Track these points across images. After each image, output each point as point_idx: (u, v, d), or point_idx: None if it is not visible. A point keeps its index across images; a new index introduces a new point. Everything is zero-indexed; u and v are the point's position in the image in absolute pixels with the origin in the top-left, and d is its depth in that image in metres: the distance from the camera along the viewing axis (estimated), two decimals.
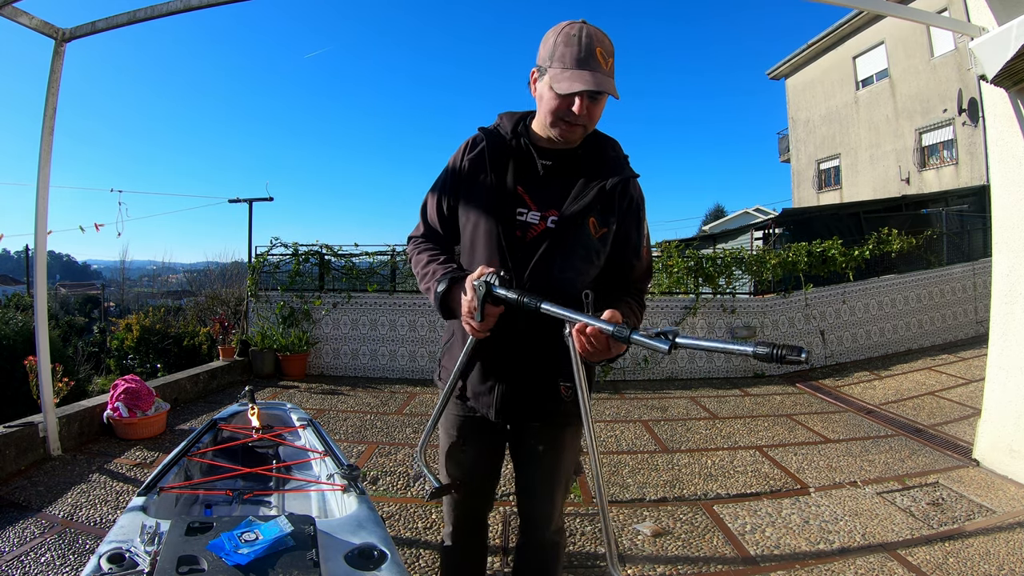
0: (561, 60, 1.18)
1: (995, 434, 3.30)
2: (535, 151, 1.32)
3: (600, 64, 1.17)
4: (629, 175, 1.32)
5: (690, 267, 6.61)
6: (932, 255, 7.86)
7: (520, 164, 1.32)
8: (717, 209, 34.34)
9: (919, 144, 13.12)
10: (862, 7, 3.44)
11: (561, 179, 1.30)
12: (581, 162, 1.31)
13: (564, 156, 1.31)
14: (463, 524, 1.53)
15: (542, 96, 1.24)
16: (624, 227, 1.33)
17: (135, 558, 1.11)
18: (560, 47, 1.18)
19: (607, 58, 1.18)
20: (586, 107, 1.19)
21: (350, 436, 4.01)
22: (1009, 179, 3.18)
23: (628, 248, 1.35)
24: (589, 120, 1.23)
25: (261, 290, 6.55)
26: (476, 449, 1.45)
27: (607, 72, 1.18)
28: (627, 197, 1.32)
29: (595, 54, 1.16)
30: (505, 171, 1.31)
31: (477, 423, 1.43)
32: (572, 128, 1.23)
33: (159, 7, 3.00)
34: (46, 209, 3.40)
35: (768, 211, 21.17)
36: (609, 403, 5.06)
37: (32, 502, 2.81)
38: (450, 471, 1.48)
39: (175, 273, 33.16)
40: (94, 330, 13.12)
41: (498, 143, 1.34)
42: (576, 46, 1.16)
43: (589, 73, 1.16)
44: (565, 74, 1.17)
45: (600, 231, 1.29)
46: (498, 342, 1.28)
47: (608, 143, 1.37)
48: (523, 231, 1.28)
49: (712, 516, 2.78)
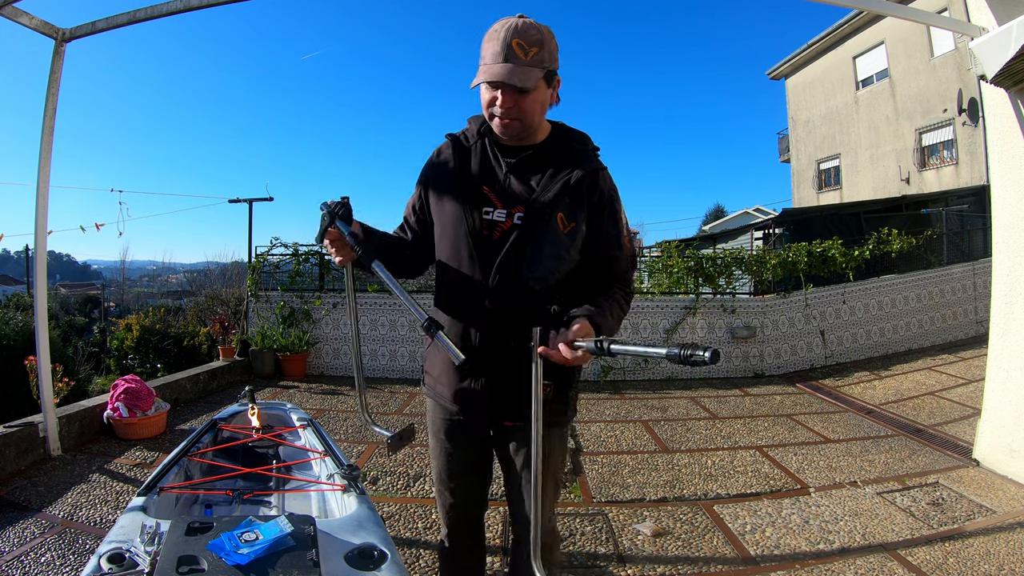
0: (484, 57, 1.22)
1: (995, 434, 3.29)
2: (499, 150, 1.35)
3: (517, 56, 1.17)
4: (596, 167, 1.32)
5: (690, 267, 6.61)
6: (932, 255, 7.86)
7: (485, 165, 1.35)
8: (717, 209, 34.37)
9: (919, 144, 13.12)
10: (862, 7, 3.45)
11: (526, 176, 1.31)
12: (546, 158, 1.32)
13: (528, 153, 1.32)
14: (458, 526, 1.53)
15: (481, 94, 1.27)
16: (599, 221, 1.32)
17: (135, 558, 1.11)
18: (484, 44, 1.22)
19: (528, 49, 1.18)
20: (511, 100, 1.20)
21: (350, 436, 4.01)
22: (1009, 179, 3.18)
23: (608, 242, 1.34)
24: (520, 112, 1.23)
25: (261, 290, 6.55)
26: (464, 452, 1.46)
27: (526, 63, 1.18)
28: (596, 191, 1.31)
29: (512, 46, 1.17)
30: (468, 171, 1.34)
31: (463, 426, 1.43)
32: (504, 123, 1.25)
33: (159, 7, 3.00)
34: (46, 209, 3.40)
35: (768, 211, 21.19)
36: (609, 403, 5.06)
37: (32, 502, 2.81)
38: (440, 475, 1.49)
39: (175, 273, 33.17)
40: (94, 330, 13.12)
41: (463, 146, 1.38)
42: (495, 41, 1.19)
43: (499, 66, 1.17)
44: (483, 68, 1.20)
45: (568, 226, 1.28)
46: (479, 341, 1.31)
47: (574, 137, 1.37)
48: (490, 229, 1.30)
49: (712, 516, 2.78)
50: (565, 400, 1.39)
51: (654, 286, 7.25)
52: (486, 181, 1.33)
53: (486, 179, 1.33)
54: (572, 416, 1.44)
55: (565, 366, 1.21)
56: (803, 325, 6.62)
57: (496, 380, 1.33)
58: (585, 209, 1.30)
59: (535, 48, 1.19)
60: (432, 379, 1.45)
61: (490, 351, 1.31)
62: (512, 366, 1.31)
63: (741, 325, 6.35)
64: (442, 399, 1.43)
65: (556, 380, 1.34)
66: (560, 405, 1.38)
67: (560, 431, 1.44)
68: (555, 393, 1.35)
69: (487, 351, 1.31)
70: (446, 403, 1.42)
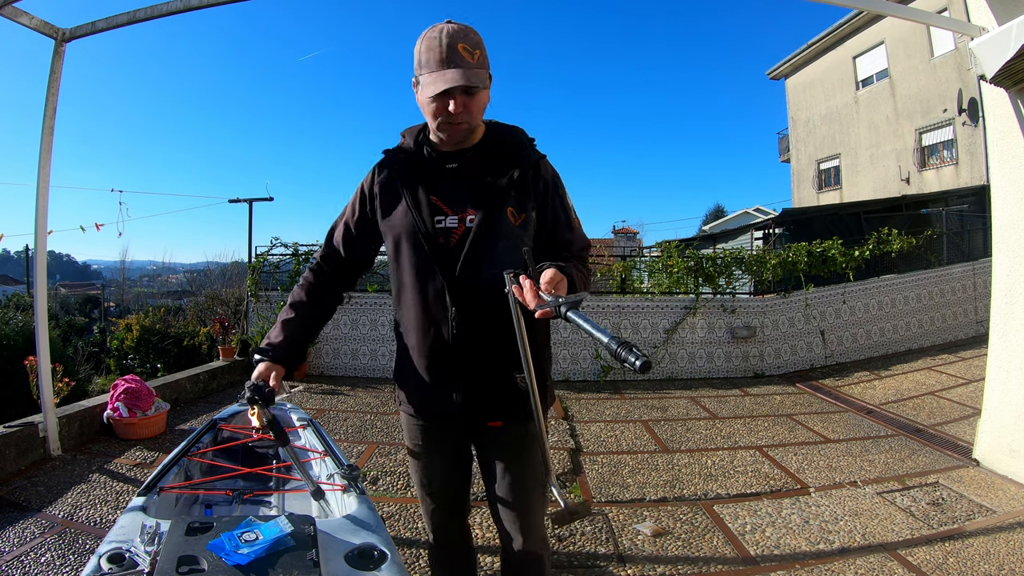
0: (428, 65, 1.21)
1: (995, 434, 3.29)
2: (440, 157, 1.35)
3: (465, 59, 1.19)
4: (536, 157, 1.35)
5: (690, 267, 6.61)
6: (932, 255, 7.86)
7: (429, 174, 1.35)
8: (717, 209, 34.40)
9: (919, 144, 13.12)
10: (862, 7, 3.45)
11: (470, 178, 1.32)
12: (486, 157, 1.34)
13: (468, 155, 1.34)
14: (443, 532, 1.52)
15: (423, 104, 1.27)
16: (547, 208, 1.36)
17: (135, 558, 1.11)
18: (424, 53, 1.21)
19: (472, 51, 1.20)
20: (462, 103, 1.22)
21: (350, 436, 4.01)
22: (1009, 179, 3.18)
23: (559, 226, 1.37)
24: (469, 115, 1.25)
25: (261, 290, 6.56)
26: (442, 457, 1.45)
27: (474, 64, 1.20)
28: (540, 180, 1.35)
29: (457, 50, 1.19)
30: (416, 184, 1.34)
31: (439, 431, 1.43)
32: (456, 127, 1.26)
33: (159, 7, 3.00)
34: (46, 209, 3.40)
35: (768, 211, 21.20)
36: (609, 403, 5.06)
37: (32, 502, 2.81)
38: (420, 482, 1.48)
39: (175, 273, 33.15)
40: (94, 330, 13.12)
41: (403, 160, 1.37)
42: (438, 48, 1.19)
43: (454, 70, 1.18)
44: (432, 77, 1.20)
45: (520, 218, 1.31)
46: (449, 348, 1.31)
47: (509, 131, 1.39)
48: (446, 237, 1.31)
49: (712, 516, 2.78)
50: (544, 390, 1.40)
51: (654, 286, 7.26)
52: (433, 190, 1.33)
53: (433, 188, 1.33)
54: (551, 403, 1.47)
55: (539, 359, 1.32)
56: (803, 325, 6.62)
57: (473, 383, 1.33)
58: (532, 199, 1.33)
59: (478, 49, 1.22)
60: (406, 395, 1.45)
61: (463, 355, 1.32)
62: (487, 366, 1.32)
63: (741, 325, 6.35)
64: (420, 413, 1.42)
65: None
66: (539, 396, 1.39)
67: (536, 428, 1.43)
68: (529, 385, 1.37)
69: (460, 356, 1.32)
70: (424, 416, 1.42)
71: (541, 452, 1.41)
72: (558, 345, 6.18)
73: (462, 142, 1.32)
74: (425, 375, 1.38)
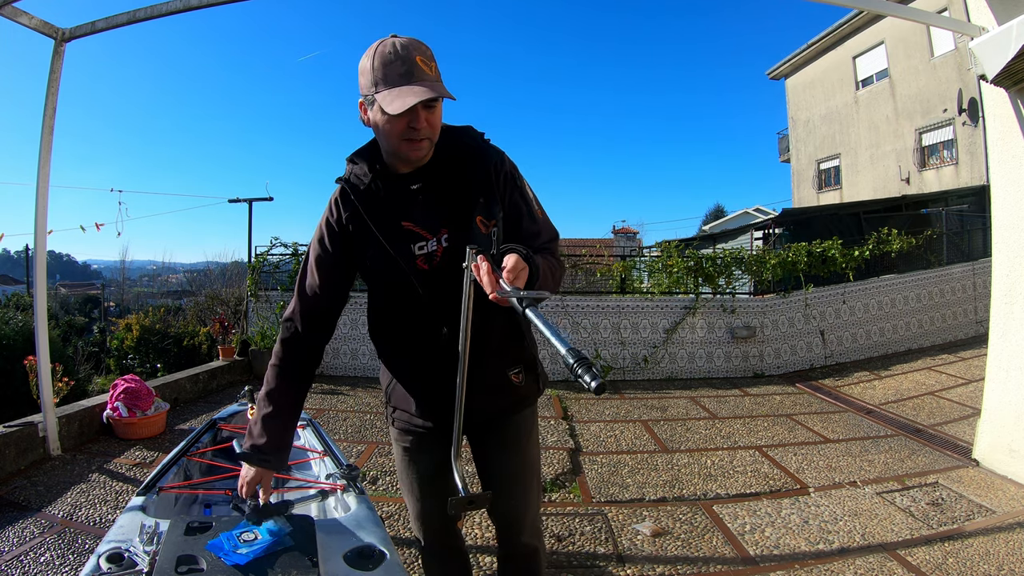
0: (386, 81, 1.12)
1: (995, 434, 3.29)
2: (401, 179, 1.27)
3: (425, 71, 1.13)
4: (494, 158, 1.29)
5: (690, 267, 6.61)
6: (932, 255, 7.86)
7: (395, 199, 1.27)
8: (717, 209, 34.39)
9: (919, 144, 13.12)
10: (862, 7, 3.45)
11: (435, 194, 1.27)
12: (445, 167, 1.27)
13: (429, 171, 1.27)
14: (435, 536, 1.50)
15: (378, 124, 1.18)
16: (511, 203, 1.31)
17: (134, 558, 1.11)
18: (380, 70, 1.13)
19: (429, 63, 1.15)
20: (425, 118, 1.16)
21: (350, 436, 4.01)
22: (1009, 179, 3.18)
23: (522, 218, 1.32)
24: (432, 130, 1.19)
25: (261, 290, 6.56)
26: (431, 458, 1.42)
27: (434, 77, 1.15)
28: (500, 176, 1.29)
29: (416, 63, 1.13)
30: (386, 215, 1.26)
31: (430, 435, 1.40)
32: (418, 144, 1.19)
33: (159, 7, 3.00)
34: (46, 208, 3.40)
35: (768, 211, 21.19)
36: (609, 403, 5.06)
37: (32, 502, 2.81)
38: (409, 485, 1.46)
39: (175, 273, 33.10)
40: (94, 330, 13.11)
41: (365, 192, 1.27)
42: (397, 62, 1.12)
43: (418, 86, 1.11)
44: (394, 92, 1.11)
45: (490, 225, 1.25)
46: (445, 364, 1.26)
47: (461, 133, 1.32)
48: (428, 262, 1.26)
49: (712, 516, 2.78)
50: (536, 378, 1.42)
51: (654, 286, 7.26)
52: (404, 216, 1.26)
53: (403, 214, 1.26)
54: (543, 390, 1.46)
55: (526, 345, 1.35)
56: (803, 325, 6.62)
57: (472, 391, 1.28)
58: (498, 200, 1.28)
59: (433, 62, 1.17)
60: (406, 414, 1.41)
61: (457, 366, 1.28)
62: (484, 371, 1.30)
63: (741, 325, 6.35)
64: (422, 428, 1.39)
65: (523, 364, 1.37)
66: (532, 383, 1.40)
67: (531, 416, 1.43)
68: (525, 375, 1.38)
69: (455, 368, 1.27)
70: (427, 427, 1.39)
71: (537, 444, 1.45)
72: None
73: (421, 161, 1.24)
74: (423, 394, 1.35)
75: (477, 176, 1.26)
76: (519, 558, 1.46)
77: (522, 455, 1.41)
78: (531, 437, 1.44)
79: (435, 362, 1.29)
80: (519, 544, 1.44)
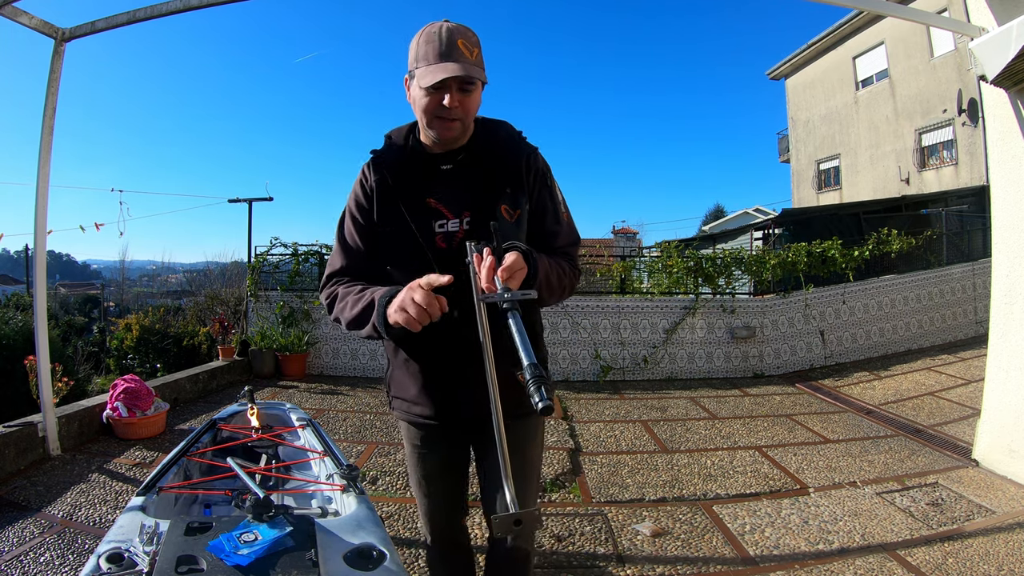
0: (425, 58, 1.18)
1: (994, 434, 3.30)
2: (432, 159, 1.31)
3: (464, 54, 1.17)
4: (527, 152, 1.33)
5: (690, 267, 6.62)
6: (932, 255, 7.86)
7: (424, 176, 1.31)
8: (717, 209, 34.40)
9: (919, 144, 13.13)
10: (862, 7, 3.45)
11: (465, 178, 1.30)
12: (478, 155, 1.31)
13: (460, 156, 1.31)
14: (440, 532, 1.51)
15: (415, 100, 1.23)
16: (538, 200, 1.34)
17: (134, 558, 1.11)
18: (423, 47, 1.19)
19: (471, 48, 1.19)
20: (457, 99, 1.19)
21: (349, 436, 4.01)
22: (1009, 179, 3.18)
23: (546, 216, 1.35)
24: (464, 112, 1.22)
25: (261, 290, 6.56)
26: (441, 456, 1.44)
27: (473, 61, 1.19)
28: (531, 171, 1.33)
29: (457, 46, 1.17)
30: (412, 188, 1.29)
31: (438, 431, 1.41)
32: (449, 124, 1.22)
33: (159, 7, 3.00)
34: (46, 208, 3.40)
35: (768, 211, 21.21)
36: (609, 403, 5.06)
37: (31, 502, 2.81)
38: (418, 482, 1.47)
39: (175, 273, 33.09)
40: (94, 330, 13.11)
41: (396, 163, 1.32)
42: (437, 42, 1.17)
43: (453, 63, 1.16)
44: (430, 68, 1.17)
45: (514, 214, 1.29)
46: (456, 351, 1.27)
47: (498, 126, 1.37)
48: (448, 241, 1.27)
49: (711, 516, 2.78)
50: None
51: (654, 286, 7.26)
52: (430, 193, 1.29)
53: (429, 191, 1.29)
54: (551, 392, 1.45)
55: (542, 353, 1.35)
56: (803, 325, 6.62)
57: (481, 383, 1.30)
58: (525, 192, 1.31)
59: (477, 48, 1.21)
60: (407, 403, 1.41)
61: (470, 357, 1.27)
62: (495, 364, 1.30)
63: (741, 325, 6.35)
64: (422, 418, 1.40)
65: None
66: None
67: (536, 420, 1.42)
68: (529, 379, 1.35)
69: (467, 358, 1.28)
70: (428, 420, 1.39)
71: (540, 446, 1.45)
72: (558, 345, 6.18)
73: (453, 143, 1.28)
74: (432, 381, 1.35)
75: (508, 165, 1.29)
76: (510, 560, 1.46)
77: (522, 457, 1.40)
78: (535, 442, 1.44)
79: (440, 346, 1.29)
80: (511, 547, 1.43)
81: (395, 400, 1.45)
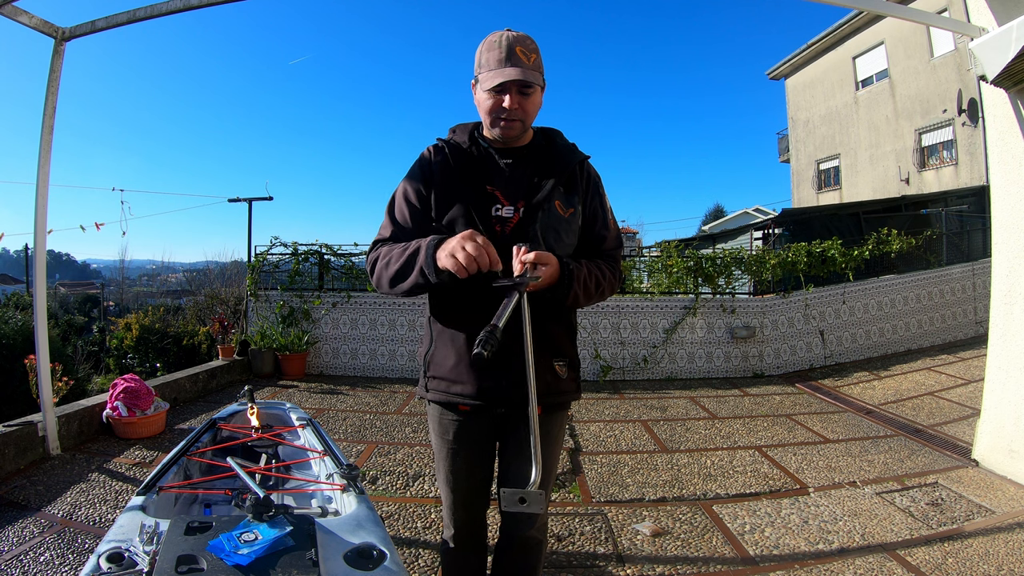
0: (488, 64, 1.32)
1: (994, 434, 3.30)
2: (494, 153, 1.44)
3: (522, 60, 1.30)
4: (581, 158, 1.46)
5: (690, 267, 6.61)
6: (932, 255, 7.86)
7: (486, 165, 1.42)
8: (717, 209, 34.43)
9: (919, 144, 13.12)
10: (862, 7, 3.45)
11: (523, 174, 1.41)
12: (537, 155, 1.44)
13: (521, 153, 1.44)
14: (465, 527, 1.53)
15: (480, 102, 1.37)
16: (590, 205, 1.46)
17: (134, 557, 1.11)
18: (486, 54, 1.32)
19: (529, 55, 1.31)
20: (517, 101, 1.32)
21: (350, 436, 4.01)
22: (1009, 179, 3.18)
23: (596, 222, 1.47)
24: (524, 114, 1.34)
25: (261, 290, 6.55)
26: (470, 451, 1.46)
27: (531, 66, 1.31)
28: (584, 177, 1.46)
29: (516, 52, 1.29)
30: (473, 172, 1.40)
31: (468, 426, 1.43)
32: (510, 124, 1.35)
33: (159, 6, 2.99)
34: (46, 208, 3.39)
35: (768, 211, 21.22)
36: (609, 403, 5.06)
37: (31, 501, 2.80)
38: (447, 477, 1.49)
39: (175, 272, 33.07)
40: (94, 329, 13.11)
41: (461, 150, 1.43)
42: (498, 49, 1.30)
43: (510, 68, 1.29)
44: (491, 73, 1.30)
45: (567, 211, 1.40)
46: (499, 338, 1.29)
47: (555, 134, 1.51)
48: (501, 226, 1.37)
49: (711, 516, 2.78)
50: (576, 379, 1.47)
51: (654, 286, 7.26)
52: (490, 180, 1.40)
53: (489, 179, 1.40)
54: (577, 397, 1.51)
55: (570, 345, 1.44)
56: (802, 325, 6.62)
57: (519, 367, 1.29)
58: (578, 195, 1.43)
59: (535, 55, 1.32)
60: (446, 382, 1.42)
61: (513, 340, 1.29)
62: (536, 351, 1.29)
63: (741, 325, 6.35)
64: (461, 396, 1.40)
65: (567, 360, 1.44)
66: (570, 384, 1.45)
67: (563, 416, 1.51)
68: (568, 370, 1.43)
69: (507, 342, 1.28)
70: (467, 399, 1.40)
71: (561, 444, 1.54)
72: None
73: (514, 141, 1.41)
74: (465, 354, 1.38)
75: (564, 167, 1.41)
76: (523, 549, 1.50)
77: (552, 453, 1.47)
78: (558, 439, 1.52)
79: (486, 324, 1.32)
80: (526, 536, 1.48)
81: (432, 380, 1.45)
